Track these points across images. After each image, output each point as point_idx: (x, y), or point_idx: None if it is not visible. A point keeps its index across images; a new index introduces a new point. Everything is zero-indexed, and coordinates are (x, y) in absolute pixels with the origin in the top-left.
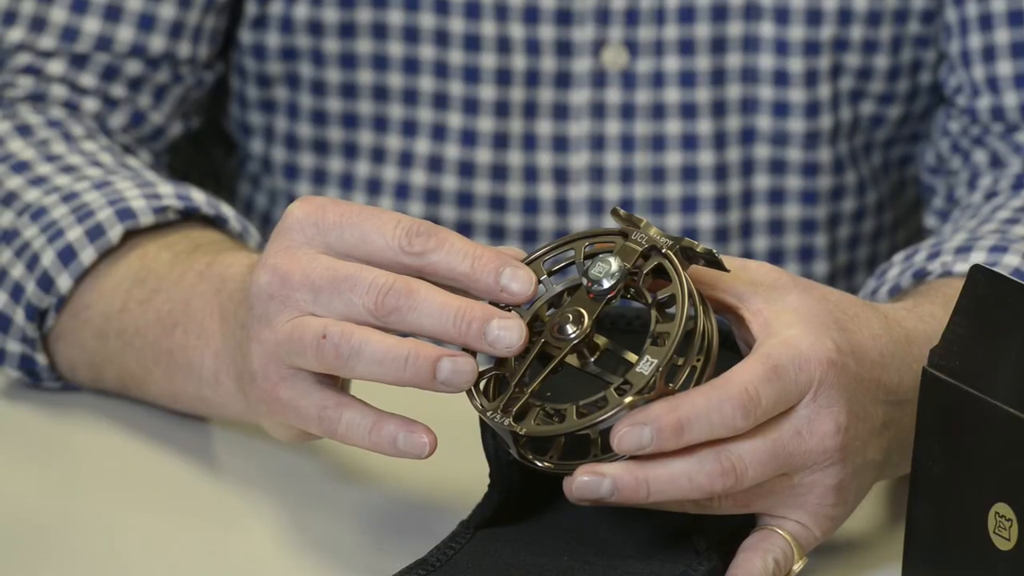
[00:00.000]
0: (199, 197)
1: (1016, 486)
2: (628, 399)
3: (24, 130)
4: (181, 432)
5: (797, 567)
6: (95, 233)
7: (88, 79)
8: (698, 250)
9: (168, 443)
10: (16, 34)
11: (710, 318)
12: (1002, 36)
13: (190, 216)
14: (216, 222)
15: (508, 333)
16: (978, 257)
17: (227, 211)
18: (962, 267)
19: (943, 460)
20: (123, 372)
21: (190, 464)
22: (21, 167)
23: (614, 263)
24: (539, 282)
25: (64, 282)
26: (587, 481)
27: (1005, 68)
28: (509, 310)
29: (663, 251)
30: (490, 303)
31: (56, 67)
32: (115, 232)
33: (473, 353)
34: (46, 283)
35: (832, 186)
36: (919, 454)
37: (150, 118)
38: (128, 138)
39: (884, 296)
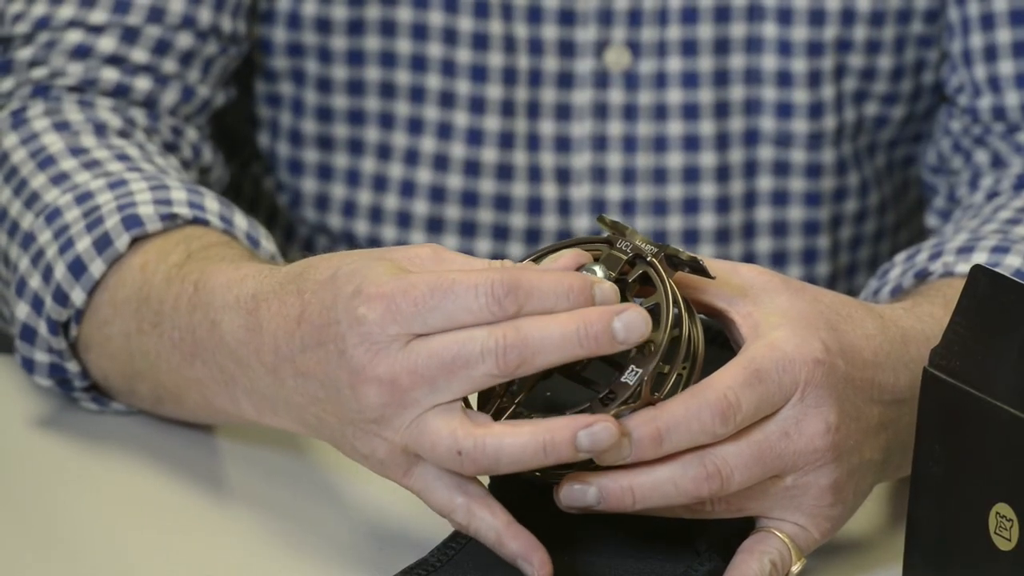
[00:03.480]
0: (212, 207)
1: (1017, 486)
2: (613, 410)
3: (62, 126)
4: (181, 434)
5: (795, 568)
6: (103, 244)
7: (140, 54)
8: (683, 257)
9: (168, 444)
10: (67, 11)
11: (696, 324)
12: (1004, 35)
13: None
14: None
15: (636, 327)
16: (980, 257)
17: (240, 223)
18: (964, 267)
19: (944, 460)
20: (156, 386)
21: (190, 465)
22: (47, 163)
23: (599, 272)
24: None
25: (78, 296)
26: (573, 490)
27: (1007, 67)
28: None
29: (648, 259)
30: None
31: (107, 43)
32: (122, 242)
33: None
34: (61, 298)
35: (835, 187)
36: (920, 454)
37: (199, 92)
38: (176, 119)
39: (886, 296)
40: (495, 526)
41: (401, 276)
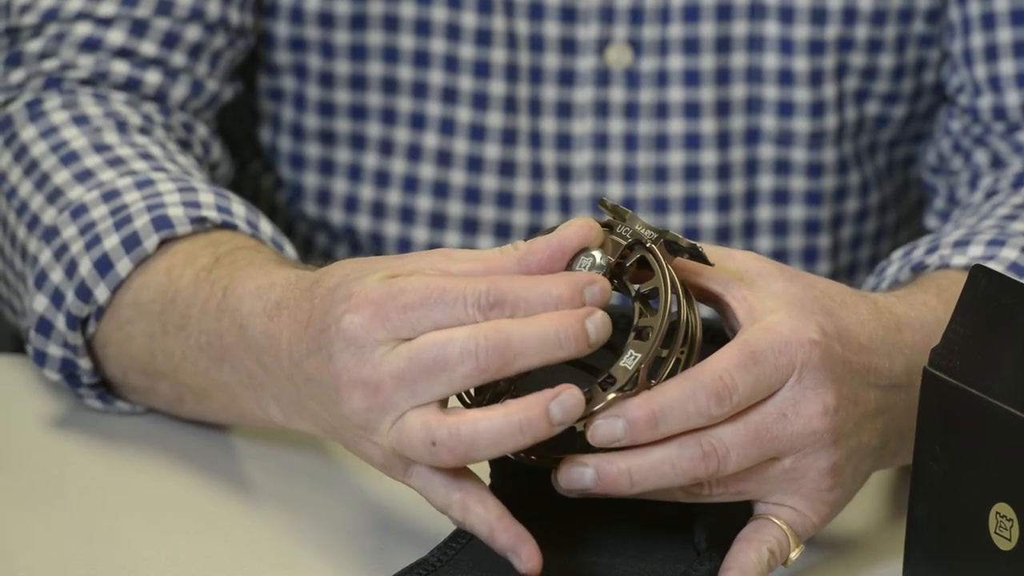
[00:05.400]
0: (239, 211)
1: (1017, 486)
2: (611, 395)
3: (81, 120)
4: (182, 435)
5: (794, 555)
6: (131, 243)
7: (149, 47)
8: (682, 244)
9: (172, 443)
10: (75, 3)
11: (694, 309)
12: (1004, 35)
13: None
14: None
15: (604, 329)
16: (976, 250)
17: (265, 228)
18: (959, 260)
19: (944, 460)
20: (179, 386)
21: (192, 466)
22: (70, 158)
23: (598, 256)
24: None
25: (102, 293)
26: (571, 473)
27: (1007, 67)
28: None
29: (647, 244)
30: None
31: (116, 36)
32: (151, 242)
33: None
34: (84, 294)
35: (836, 187)
36: (920, 454)
37: (207, 85)
38: (186, 115)
39: (884, 292)
40: (487, 520)
41: (391, 282)
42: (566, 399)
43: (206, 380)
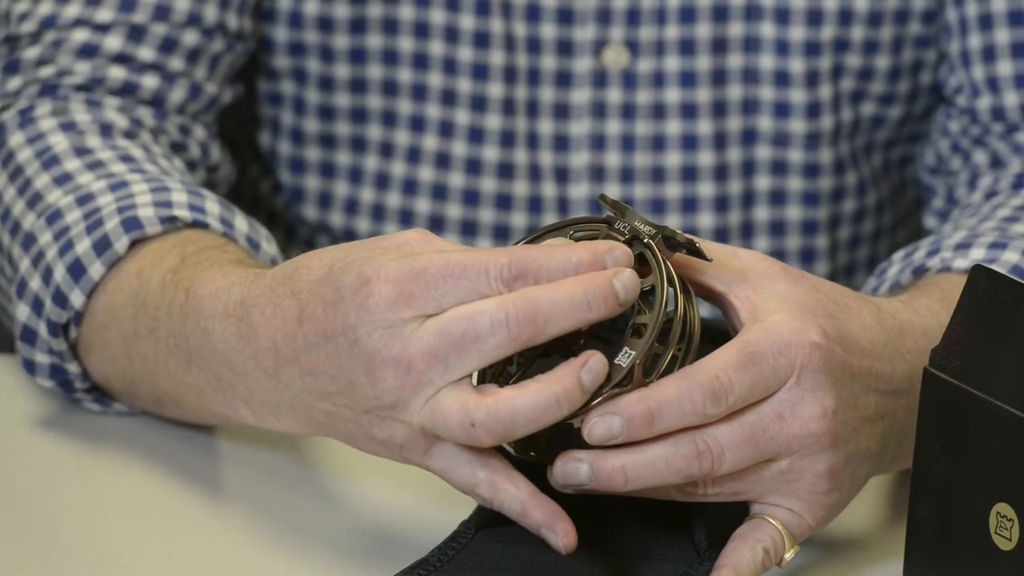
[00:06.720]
0: (212, 209)
1: (1017, 486)
2: (607, 392)
3: (68, 126)
4: (181, 435)
5: (788, 555)
6: (102, 246)
7: (146, 52)
8: (680, 240)
9: (168, 445)
10: (73, 9)
11: (692, 305)
12: (1002, 36)
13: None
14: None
15: (632, 286)
16: (977, 253)
17: (240, 226)
18: (961, 263)
19: (944, 460)
20: (155, 389)
21: (190, 466)
22: (51, 163)
23: None
24: None
25: (77, 298)
26: (567, 467)
27: (1005, 68)
28: None
29: (645, 241)
30: None
31: (114, 42)
32: (121, 244)
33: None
34: (60, 300)
35: (833, 187)
36: (920, 454)
37: (206, 89)
38: (184, 118)
39: (884, 294)
40: (519, 497)
41: (408, 260)
42: (593, 365)
43: (177, 383)
